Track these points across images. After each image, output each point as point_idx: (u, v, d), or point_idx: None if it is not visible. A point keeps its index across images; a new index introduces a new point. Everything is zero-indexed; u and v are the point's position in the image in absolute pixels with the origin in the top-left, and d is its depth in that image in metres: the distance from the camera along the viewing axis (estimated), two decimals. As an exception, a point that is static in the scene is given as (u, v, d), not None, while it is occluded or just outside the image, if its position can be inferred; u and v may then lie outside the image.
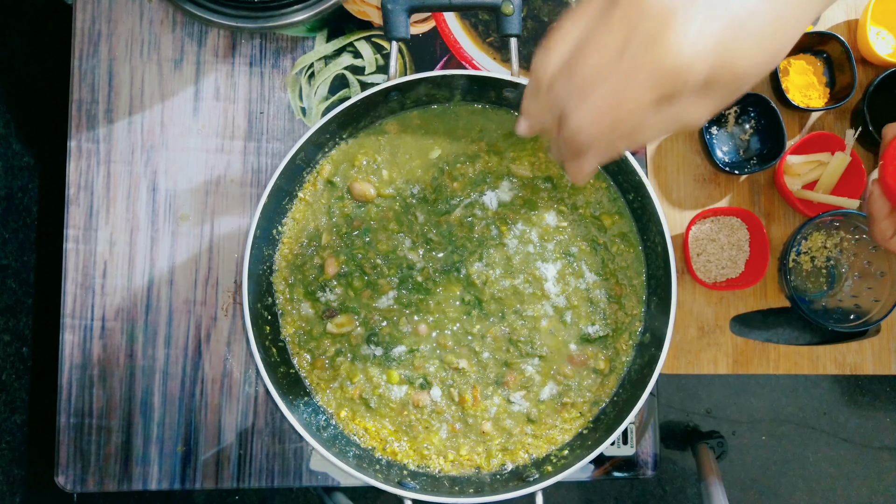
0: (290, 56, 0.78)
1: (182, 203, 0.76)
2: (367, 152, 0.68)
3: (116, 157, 0.76)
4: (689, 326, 0.79)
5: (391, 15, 0.60)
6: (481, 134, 0.69)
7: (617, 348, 0.68)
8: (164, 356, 0.75)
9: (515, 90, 0.64)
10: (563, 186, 0.68)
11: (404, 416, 0.67)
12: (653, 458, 0.76)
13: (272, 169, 0.75)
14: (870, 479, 1.61)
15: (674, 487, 1.59)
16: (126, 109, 0.77)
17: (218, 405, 0.74)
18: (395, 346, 0.67)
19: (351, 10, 0.78)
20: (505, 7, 0.61)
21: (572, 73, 0.41)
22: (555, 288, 0.67)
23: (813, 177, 0.80)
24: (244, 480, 0.74)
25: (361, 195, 0.67)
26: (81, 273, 0.75)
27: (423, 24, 0.78)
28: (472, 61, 0.78)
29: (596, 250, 0.68)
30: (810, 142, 0.78)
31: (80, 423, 0.74)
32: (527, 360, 0.67)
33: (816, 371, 0.81)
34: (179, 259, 0.75)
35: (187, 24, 0.77)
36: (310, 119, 0.77)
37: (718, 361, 0.80)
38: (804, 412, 1.62)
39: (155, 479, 0.74)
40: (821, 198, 0.79)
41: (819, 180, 0.80)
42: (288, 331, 0.67)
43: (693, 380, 1.62)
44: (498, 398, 0.67)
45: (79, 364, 0.74)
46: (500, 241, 0.68)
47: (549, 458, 0.66)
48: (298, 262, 0.68)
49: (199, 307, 0.75)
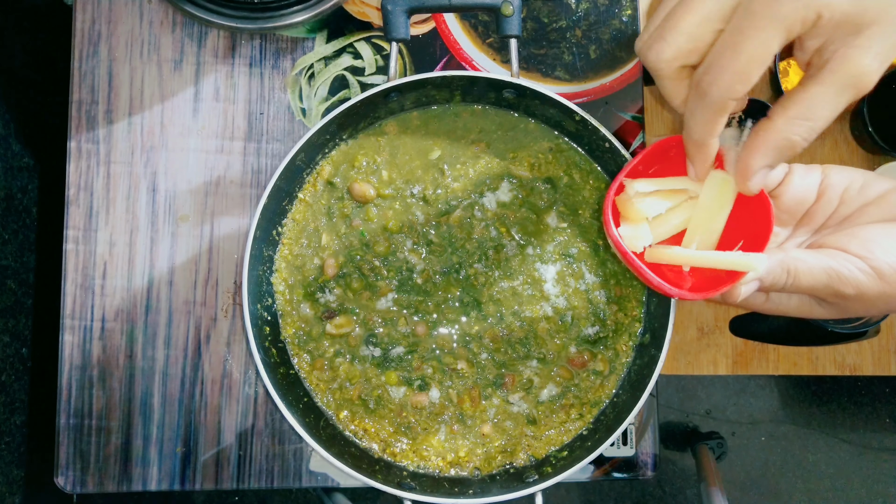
0: (290, 57, 0.78)
1: (182, 204, 0.76)
2: (367, 153, 0.68)
3: (116, 157, 0.76)
4: (688, 327, 0.80)
5: (391, 16, 0.60)
6: (481, 135, 0.69)
7: (617, 349, 0.68)
8: (164, 357, 0.75)
9: (515, 91, 0.65)
10: (562, 188, 0.69)
11: (403, 417, 0.67)
12: (652, 458, 0.76)
13: (272, 170, 0.75)
14: (869, 479, 1.61)
15: (673, 488, 1.59)
16: (126, 110, 0.77)
17: (218, 406, 0.75)
18: (393, 347, 0.67)
19: (351, 10, 0.78)
20: (505, 8, 0.61)
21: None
22: (554, 289, 0.68)
23: (677, 223, 0.53)
24: (244, 481, 0.74)
25: (361, 196, 0.67)
26: (81, 274, 0.75)
27: (423, 25, 0.78)
28: (472, 62, 0.78)
29: (596, 251, 0.68)
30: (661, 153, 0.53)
31: (79, 423, 0.74)
32: (525, 362, 0.67)
33: (816, 372, 0.81)
34: (179, 260, 0.75)
35: (187, 25, 0.77)
36: (310, 120, 0.77)
37: (718, 362, 0.80)
38: (804, 413, 1.62)
39: (154, 479, 0.74)
40: (698, 259, 0.50)
41: (689, 227, 0.53)
42: (288, 331, 0.67)
43: (693, 380, 1.62)
44: (497, 399, 0.67)
45: (78, 365, 0.74)
46: (499, 242, 0.68)
47: (548, 459, 0.66)
48: (298, 262, 0.68)
49: (198, 308, 0.75)
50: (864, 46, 0.42)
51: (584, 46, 0.77)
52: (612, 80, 0.76)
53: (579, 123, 0.65)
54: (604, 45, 0.77)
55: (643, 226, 0.52)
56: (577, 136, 0.67)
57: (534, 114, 0.68)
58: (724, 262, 0.49)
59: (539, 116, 0.68)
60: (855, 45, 0.42)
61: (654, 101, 0.81)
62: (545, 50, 0.77)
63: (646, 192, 0.52)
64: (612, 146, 0.63)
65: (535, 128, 0.69)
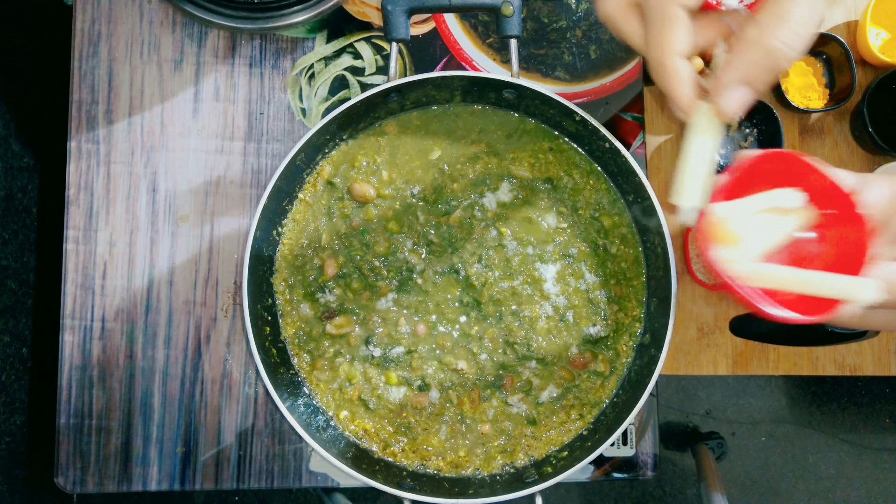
0: (290, 57, 0.78)
1: (182, 204, 0.76)
2: (367, 153, 0.68)
3: (116, 157, 0.76)
4: (688, 327, 0.79)
5: (391, 16, 0.60)
6: (481, 135, 0.69)
7: (617, 349, 0.68)
8: (164, 357, 0.75)
9: (515, 91, 0.65)
10: (562, 188, 0.69)
11: (403, 417, 0.67)
12: (652, 458, 0.76)
13: (272, 170, 0.75)
14: (869, 479, 1.61)
15: (673, 488, 1.59)
16: (126, 110, 0.77)
17: (218, 406, 0.74)
18: (393, 348, 0.67)
19: (351, 11, 0.78)
20: (505, 8, 0.61)
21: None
22: (554, 288, 0.68)
23: (768, 240, 0.49)
24: (244, 481, 0.74)
25: (361, 196, 0.67)
26: (81, 274, 0.75)
27: (423, 25, 0.78)
28: (472, 62, 0.78)
29: (596, 251, 0.68)
30: (753, 172, 0.47)
31: (79, 423, 0.74)
32: (524, 363, 0.67)
33: (816, 372, 0.81)
34: (179, 260, 0.75)
35: (187, 25, 0.77)
36: (310, 120, 0.77)
37: (718, 362, 0.80)
38: (804, 413, 1.62)
39: (154, 479, 0.74)
40: (804, 282, 0.46)
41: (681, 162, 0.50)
42: (288, 332, 0.67)
43: (693, 381, 1.62)
44: (496, 400, 0.67)
45: (78, 365, 0.74)
46: (499, 242, 0.68)
47: (548, 459, 0.66)
48: (298, 262, 0.68)
49: (198, 308, 0.75)
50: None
51: (584, 46, 0.77)
52: (612, 80, 0.76)
53: (579, 123, 0.65)
54: (604, 45, 0.77)
55: (738, 247, 0.48)
56: (577, 136, 0.67)
57: (534, 114, 0.68)
58: (833, 287, 0.45)
59: (539, 116, 0.68)
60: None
61: (654, 101, 0.81)
62: (545, 50, 0.77)
63: (730, 215, 0.48)
64: (612, 146, 0.63)
65: (535, 128, 0.69)
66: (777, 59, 0.43)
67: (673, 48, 0.44)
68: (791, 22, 0.41)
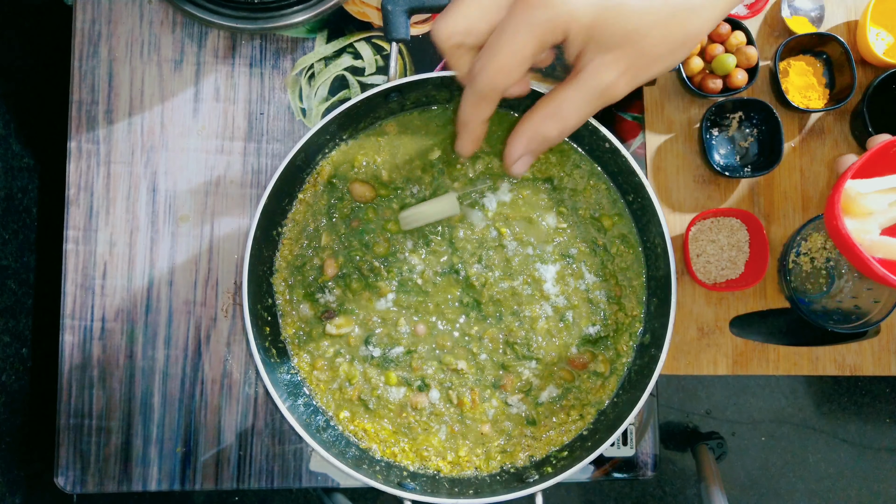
0: (290, 57, 0.78)
1: (182, 204, 0.76)
2: (367, 153, 0.68)
3: (116, 157, 0.76)
4: (688, 327, 0.79)
5: (391, 16, 0.60)
6: (481, 135, 0.69)
7: (617, 349, 0.68)
8: (164, 357, 0.75)
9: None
10: (563, 188, 0.69)
11: (403, 417, 0.67)
12: (652, 458, 0.76)
13: (272, 170, 0.75)
14: (869, 479, 1.61)
15: (673, 488, 1.59)
16: (126, 110, 0.77)
17: (218, 406, 0.75)
18: (393, 348, 0.67)
19: (351, 11, 0.78)
20: (505, 8, 0.61)
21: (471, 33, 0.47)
22: (554, 288, 0.68)
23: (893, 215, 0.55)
24: (244, 481, 0.74)
25: (361, 196, 0.67)
26: (81, 274, 0.75)
27: (423, 25, 0.78)
28: (472, 62, 0.77)
29: (595, 251, 0.68)
30: (881, 156, 0.54)
31: (79, 423, 0.74)
32: (524, 363, 0.67)
33: (816, 372, 0.81)
34: (179, 260, 0.75)
35: (187, 25, 0.77)
36: (310, 120, 0.77)
37: (718, 362, 0.80)
38: (804, 413, 1.62)
39: (154, 479, 0.74)
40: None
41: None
42: (288, 332, 0.67)
43: (693, 380, 1.62)
44: (496, 400, 0.67)
45: (78, 365, 0.74)
46: (499, 242, 0.68)
47: (548, 460, 0.66)
48: (298, 263, 0.68)
49: (198, 308, 0.75)
50: (610, 64, 0.45)
51: (584, 46, 0.77)
52: (612, 80, 0.76)
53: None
54: (604, 45, 0.77)
55: (869, 220, 0.55)
56: (578, 136, 0.67)
57: (534, 114, 0.68)
58: None
59: (539, 116, 0.68)
60: (604, 63, 0.45)
61: (653, 101, 0.81)
62: (545, 50, 0.77)
63: (867, 191, 0.55)
64: (612, 146, 0.63)
65: (535, 128, 0.69)
66: (549, 142, 0.51)
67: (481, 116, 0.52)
68: (563, 120, 0.49)
